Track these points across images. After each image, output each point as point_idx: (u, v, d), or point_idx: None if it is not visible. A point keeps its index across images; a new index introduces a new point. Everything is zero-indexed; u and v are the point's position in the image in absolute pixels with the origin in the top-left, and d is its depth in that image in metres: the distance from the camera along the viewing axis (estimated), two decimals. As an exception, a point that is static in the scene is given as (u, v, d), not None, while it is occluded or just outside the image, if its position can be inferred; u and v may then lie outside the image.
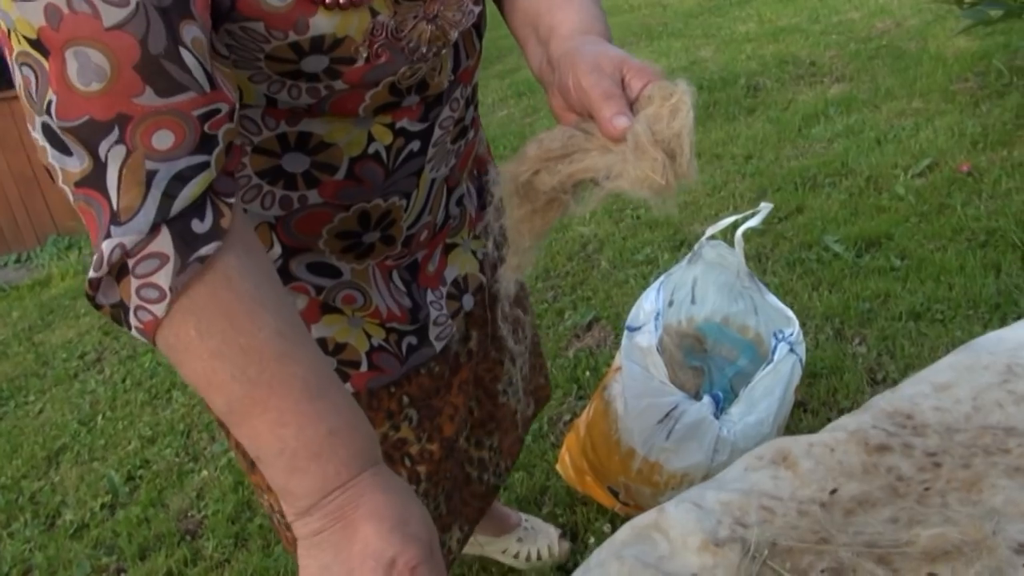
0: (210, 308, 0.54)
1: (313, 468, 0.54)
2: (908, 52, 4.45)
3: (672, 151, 0.53)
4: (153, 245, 0.53)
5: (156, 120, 0.52)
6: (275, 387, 0.54)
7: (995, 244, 2.22)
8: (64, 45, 0.51)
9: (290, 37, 0.61)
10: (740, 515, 0.66)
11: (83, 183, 0.53)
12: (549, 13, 0.67)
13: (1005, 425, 0.70)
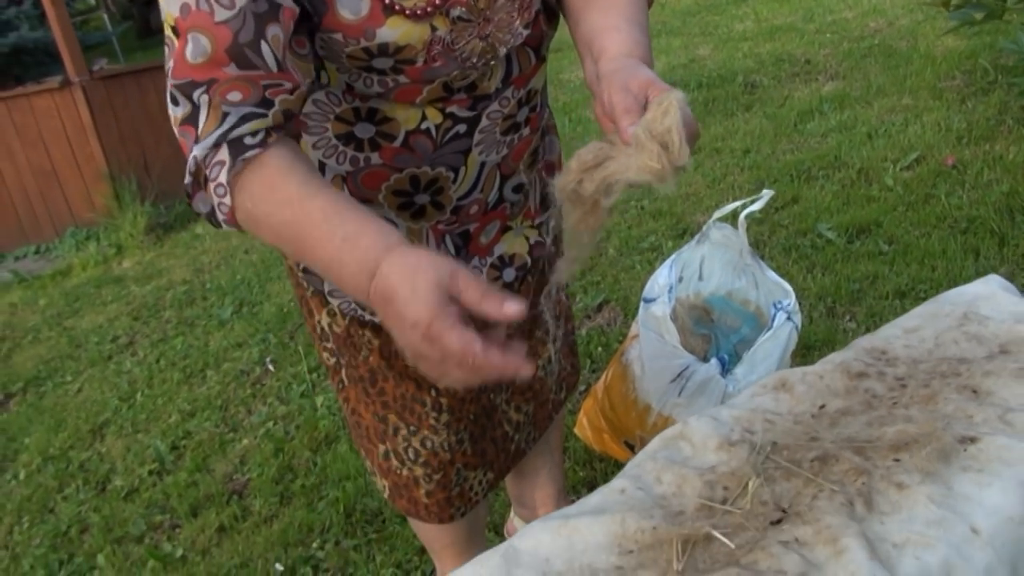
0: (255, 185, 0.74)
1: (349, 265, 0.71)
2: (899, 51, 4.62)
3: (666, 143, 0.68)
4: (216, 155, 0.74)
5: (233, 83, 0.74)
6: (306, 220, 0.72)
7: (975, 231, 2.40)
8: (188, 30, 0.74)
9: (361, 43, 0.81)
10: (748, 425, 0.84)
11: (184, 122, 0.76)
12: (602, 37, 0.84)
13: (959, 356, 0.88)
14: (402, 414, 1.18)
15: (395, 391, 1.17)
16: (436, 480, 1.23)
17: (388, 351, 1.14)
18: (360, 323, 1.13)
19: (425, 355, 0.66)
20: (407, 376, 1.15)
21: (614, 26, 0.84)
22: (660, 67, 5.47)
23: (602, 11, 0.86)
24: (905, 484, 0.72)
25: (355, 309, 1.11)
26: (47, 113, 5.09)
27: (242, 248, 4.20)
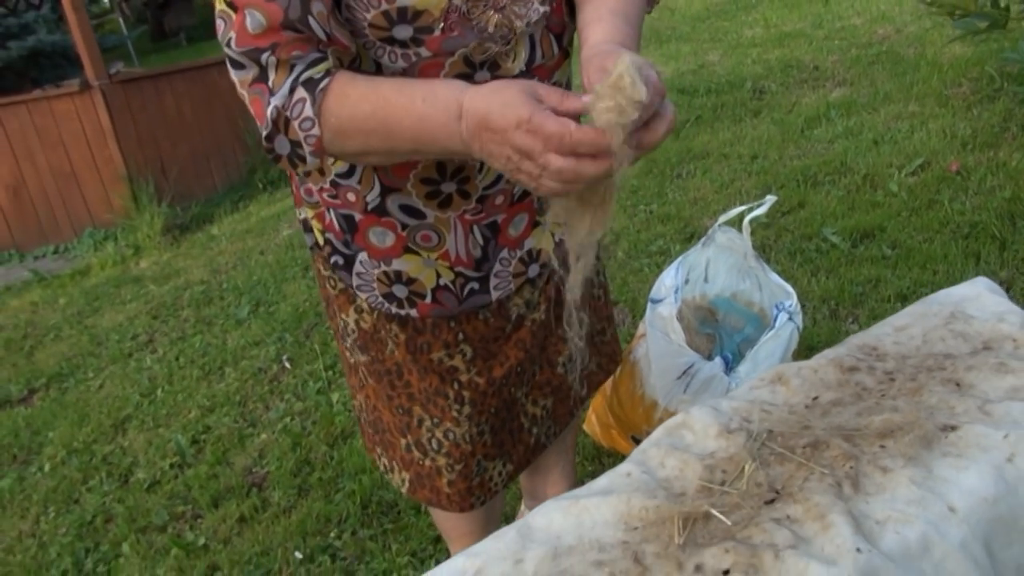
0: (332, 103, 0.85)
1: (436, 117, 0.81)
2: (906, 58, 4.67)
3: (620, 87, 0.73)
4: (295, 96, 0.85)
5: (293, 43, 0.85)
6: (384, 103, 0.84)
7: (977, 235, 2.45)
8: (244, 6, 0.84)
9: (382, 6, 0.88)
10: (746, 415, 0.91)
11: (254, 81, 0.86)
12: (587, 28, 0.91)
13: (944, 352, 0.94)
14: (426, 406, 1.24)
15: (420, 384, 1.23)
16: (458, 470, 1.29)
17: (413, 345, 1.21)
18: (387, 317, 1.19)
19: (530, 151, 0.75)
20: (431, 370, 1.22)
21: (598, 18, 0.91)
22: (670, 72, 5.53)
23: (592, 4, 0.94)
24: (889, 468, 0.78)
25: (382, 303, 1.18)
26: (67, 116, 5.19)
27: (257, 249, 4.28)
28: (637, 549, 0.77)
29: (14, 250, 5.52)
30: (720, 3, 8.67)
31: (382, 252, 1.12)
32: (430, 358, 1.21)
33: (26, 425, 2.91)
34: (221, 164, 5.94)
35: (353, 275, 1.17)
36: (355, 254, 1.15)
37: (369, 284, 1.16)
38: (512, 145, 0.75)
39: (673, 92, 4.99)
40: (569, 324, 1.08)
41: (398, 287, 1.15)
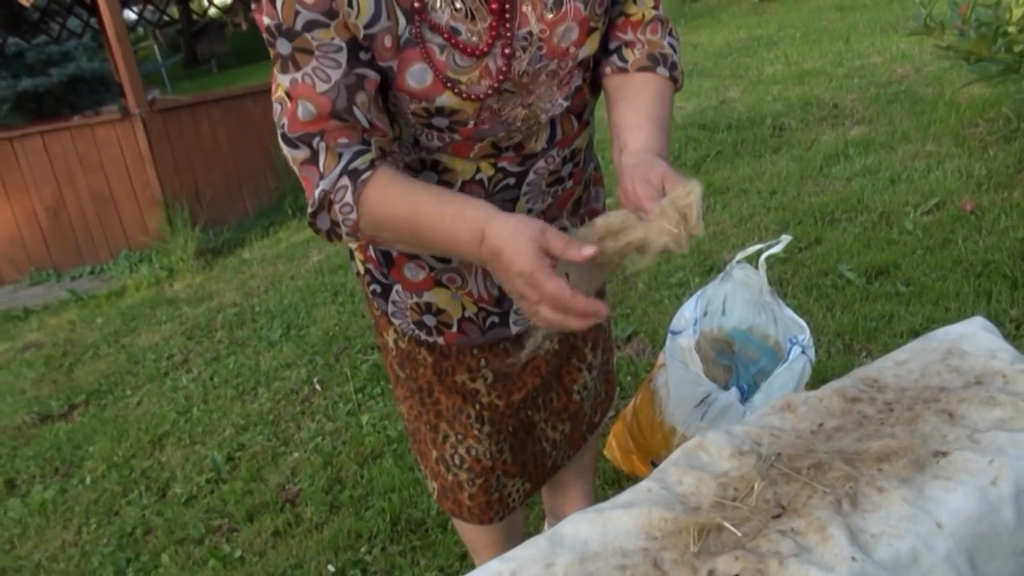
0: (373, 196, 0.95)
1: (461, 235, 0.91)
2: (925, 97, 4.76)
3: (686, 215, 0.85)
4: (340, 183, 0.95)
5: (340, 131, 0.95)
6: (418, 210, 0.94)
7: (989, 274, 2.53)
8: (297, 97, 0.94)
9: (423, 104, 0.99)
10: (757, 439, 1.00)
11: (305, 163, 0.96)
12: (627, 131, 1.02)
13: (940, 385, 1.03)
14: (452, 423, 1.35)
15: (446, 402, 1.34)
16: (478, 485, 1.39)
17: (439, 368, 1.32)
18: (416, 342, 1.30)
19: (527, 297, 0.86)
20: (455, 390, 1.33)
21: (637, 124, 1.01)
22: (691, 108, 5.66)
23: (630, 107, 1.04)
24: (885, 488, 0.87)
25: (412, 329, 1.29)
26: (108, 142, 5.40)
27: (288, 274, 4.42)
28: (656, 556, 0.86)
29: (52, 270, 5.71)
30: (742, 39, 8.82)
31: (415, 285, 1.23)
32: (454, 379, 1.31)
33: (67, 439, 3.03)
34: (253, 190, 6.12)
35: (389, 303, 1.28)
36: (391, 285, 1.26)
37: (403, 312, 1.27)
38: (513, 286, 0.88)
39: (695, 128, 5.11)
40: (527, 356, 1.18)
41: (428, 316, 1.26)
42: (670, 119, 1.06)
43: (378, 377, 2.87)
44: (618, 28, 1.10)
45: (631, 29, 1.10)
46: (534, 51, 1.01)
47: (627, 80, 1.07)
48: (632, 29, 1.10)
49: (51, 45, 9.71)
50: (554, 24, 1.00)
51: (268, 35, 0.93)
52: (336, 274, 4.17)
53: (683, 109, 5.70)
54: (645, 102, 1.04)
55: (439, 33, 0.95)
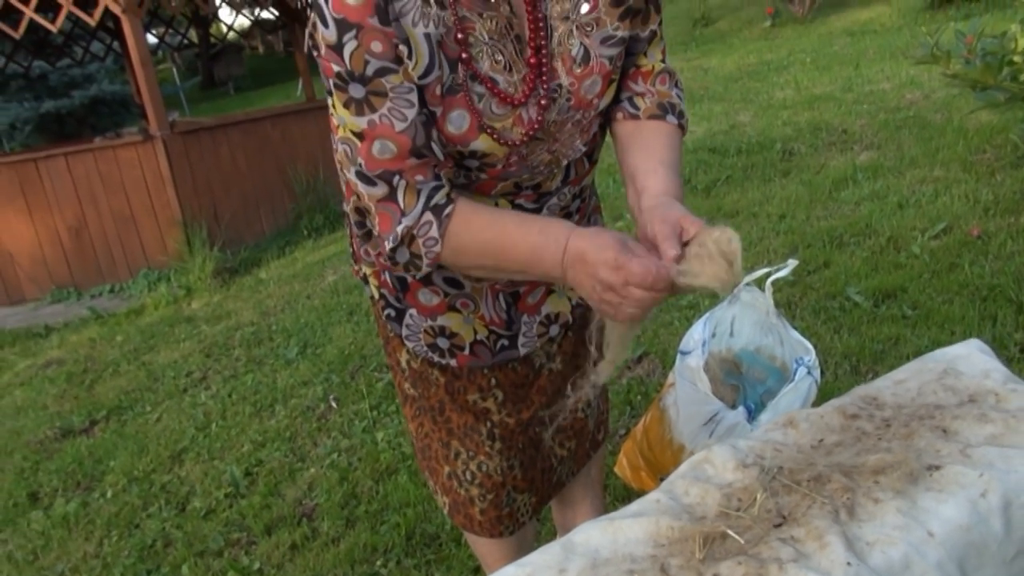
0: (456, 227, 1.02)
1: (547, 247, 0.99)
2: (933, 123, 4.82)
3: (730, 261, 0.92)
4: (424, 219, 1.02)
5: (416, 169, 1.01)
6: (503, 233, 1.01)
7: (994, 299, 2.57)
8: (372, 137, 0.99)
9: (458, 147, 1.06)
10: (760, 453, 1.05)
11: (384, 200, 1.02)
12: (643, 176, 1.08)
13: (935, 403, 1.08)
14: (463, 441, 1.41)
15: (458, 420, 1.40)
16: (489, 500, 1.44)
17: (451, 388, 1.38)
18: (429, 363, 1.36)
19: (613, 284, 0.93)
20: (467, 409, 1.38)
21: (652, 169, 1.08)
22: (702, 132, 5.73)
23: (645, 152, 1.11)
24: (880, 499, 0.91)
25: (426, 351, 1.35)
26: (130, 163, 5.53)
27: (304, 294, 4.50)
28: (664, 562, 0.91)
29: (73, 288, 5.82)
30: (752, 64, 8.92)
31: (429, 309, 1.30)
32: (466, 399, 1.37)
33: (89, 454, 3.10)
34: (270, 210, 6.23)
35: (403, 326, 1.34)
36: (405, 309, 1.32)
37: (416, 335, 1.33)
38: (598, 278, 0.94)
39: (705, 151, 5.18)
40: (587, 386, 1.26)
41: (441, 339, 1.32)
42: (681, 163, 1.13)
43: (393, 395, 2.93)
44: (629, 78, 1.18)
45: (641, 79, 1.17)
46: (563, 102, 1.08)
47: (639, 127, 1.15)
48: (643, 79, 1.17)
49: (74, 68, 9.92)
50: (582, 78, 1.08)
51: (338, 80, 0.97)
52: (351, 294, 4.25)
53: (694, 133, 5.78)
54: (658, 148, 1.11)
55: (481, 82, 1.02)
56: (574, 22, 1.06)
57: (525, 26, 1.04)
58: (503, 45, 1.03)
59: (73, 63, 9.50)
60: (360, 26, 0.94)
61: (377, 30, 0.94)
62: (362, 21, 0.94)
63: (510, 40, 1.04)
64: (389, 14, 0.95)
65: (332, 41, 0.95)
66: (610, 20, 1.08)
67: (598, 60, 1.08)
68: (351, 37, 0.94)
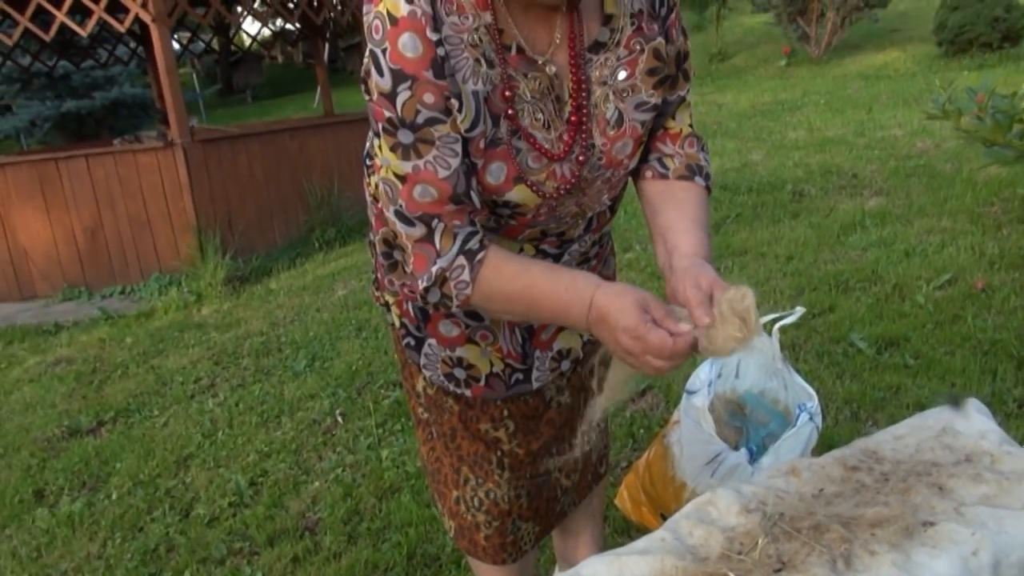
0: (488, 272, 1.07)
1: (573, 303, 1.05)
2: (943, 173, 4.88)
3: (744, 318, 0.97)
4: (457, 263, 1.07)
5: (454, 214, 1.07)
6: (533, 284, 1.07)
7: (996, 353, 2.61)
8: (415, 181, 1.05)
9: (493, 196, 1.11)
10: (763, 498, 1.09)
11: (421, 240, 1.08)
12: (675, 234, 1.13)
13: (932, 460, 1.12)
14: (473, 468, 1.45)
15: (469, 448, 1.44)
16: (495, 527, 1.49)
17: (464, 416, 1.42)
18: (444, 392, 1.41)
19: (632, 351, 1.00)
20: (478, 438, 1.43)
21: (685, 228, 1.14)
22: (713, 169, 5.79)
23: (676, 211, 1.17)
24: (876, 551, 0.96)
25: (442, 381, 1.40)
26: (149, 168, 5.61)
27: (314, 306, 4.56)
28: (667, 599, 0.95)
29: (84, 287, 5.88)
30: (767, 103, 9.02)
31: (448, 340, 1.35)
32: (478, 427, 1.42)
33: (95, 454, 3.14)
34: (283, 221, 6.30)
35: (422, 355, 1.38)
36: (424, 338, 1.37)
37: (434, 364, 1.38)
38: (618, 342, 1.01)
39: (716, 188, 5.25)
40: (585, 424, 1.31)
41: (458, 370, 1.37)
42: (709, 223, 1.19)
43: (399, 413, 2.97)
44: (658, 139, 1.24)
45: (670, 141, 1.24)
46: (595, 161, 1.15)
47: (669, 186, 1.21)
48: (671, 141, 1.24)
49: (97, 70, 10.06)
50: (614, 139, 1.14)
51: (388, 125, 1.02)
52: (361, 309, 4.30)
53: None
54: (690, 208, 1.17)
55: (523, 137, 1.08)
56: (611, 87, 1.13)
57: (566, 87, 1.11)
58: (544, 104, 1.09)
59: (97, 65, 9.64)
60: (415, 78, 0.99)
61: (431, 83, 1.00)
62: (418, 73, 0.99)
63: (551, 100, 1.10)
64: (445, 70, 1.00)
65: (386, 90, 1.01)
66: (645, 87, 1.14)
67: (631, 124, 1.14)
68: (405, 87, 1.00)
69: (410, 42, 0.99)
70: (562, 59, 1.10)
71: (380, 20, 1.00)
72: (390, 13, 0.99)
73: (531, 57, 1.08)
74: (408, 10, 0.99)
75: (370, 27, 1.02)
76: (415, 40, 0.99)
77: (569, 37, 1.10)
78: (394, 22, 0.99)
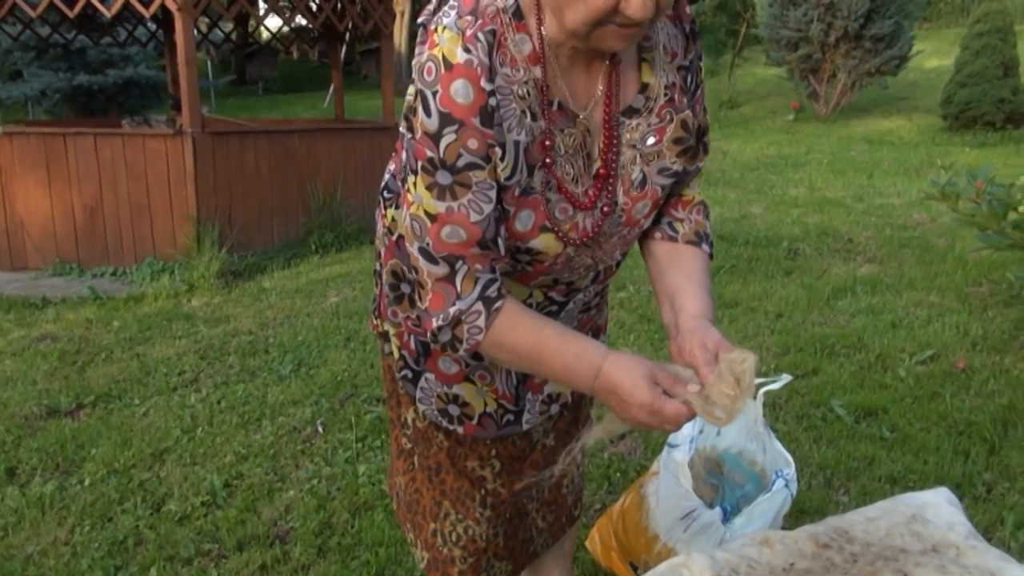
0: (502, 323, 1.11)
1: (580, 369, 1.09)
2: (936, 248, 4.97)
3: (739, 379, 1.02)
4: (474, 307, 1.10)
5: (477, 258, 1.10)
6: (543, 344, 1.10)
7: (970, 435, 2.66)
8: (446, 221, 1.08)
9: (517, 243, 1.16)
10: (735, 567, 1.13)
11: (442, 279, 1.10)
12: (682, 295, 1.18)
13: (901, 547, 1.16)
14: (455, 503, 1.48)
15: (454, 484, 1.47)
16: (470, 563, 1.51)
17: (453, 452, 1.45)
18: (435, 427, 1.44)
19: (647, 423, 1.06)
20: (464, 475, 1.46)
21: (691, 291, 1.19)
22: (713, 217, 5.88)
23: (683, 274, 1.22)
24: (839, 632, 1.00)
25: (435, 415, 1.42)
26: (156, 155, 5.63)
27: (305, 311, 4.57)
28: (634, 658, 0.98)
29: (76, 264, 5.87)
30: (771, 156, 9.14)
31: (446, 377, 1.37)
32: (465, 465, 1.45)
33: (72, 437, 3.14)
34: (283, 221, 6.32)
35: (417, 388, 1.41)
36: (422, 372, 1.39)
37: (429, 399, 1.40)
38: (631, 415, 1.06)
39: (714, 237, 5.31)
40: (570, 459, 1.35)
41: (452, 407, 1.39)
42: (712, 287, 1.26)
43: (379, 430, 2.99)
44: (671, 204, 1.30)
45: (681, 207, 1.30)
46: (616, 217, 1.20)
47: (677, 249, 1.27)
48: (682, 207, 1.30)
49: (114, 47, 10.09)
50: (636, 199, 1.20)
51: (428, 164, 1.05)
52: (351, 319, 4.32)
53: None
54: (696, 272, 1.23)
55: (556, 188, 1.13)
56: (639, 151, 1.19)
57: (597, 145, 1.16)
58: (575, 159, 1.15)
59: (115, 43, 9.67)
60: (462, 123, 1.03)
61: (477, 129, 1.04)
62: (465, 119, 1.03)
63: (582, 156, 1.15)
64: (493, 119, 1.04)
65: (431, 130, 1.04)
66: (670, 154, 1.20)
67: (652, 187, 1.20)
68: (451, 131, 1.03)
69: (463, 89, 1.02)
70: (598, 118, 1.16)
71: (434, 63, 1.04)
72: (446, 58, 1.03)
73: (571, 113, 1.13)
74: (465, 59, 1.02)
75: (422, 68, 1.05)
76: (468, 87, 1.02)
77: (606, 97, 1.15)
78: (449, 67, 1.03)
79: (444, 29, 1.04)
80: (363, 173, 6.71)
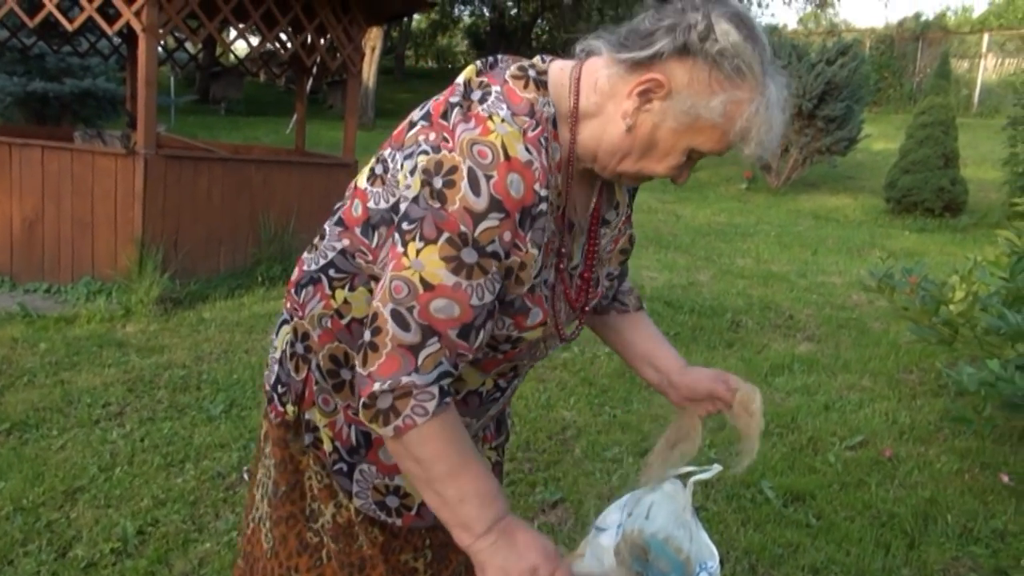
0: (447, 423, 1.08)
1: (492, 500, 1.10)
2: (871, 331, 5.12)
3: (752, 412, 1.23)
4: (430, 389, 1.06)
5: (451, 344, 1.07)
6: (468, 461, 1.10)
7: (891, 527, 2.71)
8: (447, 295, 1.04)
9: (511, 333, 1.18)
10: None
11: (405, 347, 1.05)
12: (659, 358, 1.45)
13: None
14: None
15: None
16: None
17: (388, 547, 1.36)
18: (371, 522, 1.35)
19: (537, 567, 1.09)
20: (396, 569, 1.38)
21: (664, 352, 1.47)
22: (661, 282, 5.97)
23: (649, 338, 1.48)
24: None
25: (373, 509, 1.33)
26: (106, 172, 5.50)
27: (243, 347, 4.47)
28: None
29: (8, 277, 5.66)
30: (722, 224, 9.37)
31: (388, 468, 1.31)
32: (399, 559, 1.39)
33: (-20, 468, 2.98)
34: (230, 250, 6.21)
35: (352, 482, 1.32)
36: (357, 464, 1.31)
37: (365, 491, 1.32)
38: (528, 564, 1.08)
39: (661, 303, 5.39)
40: None
41: (391, 498, 1.33)
42: None
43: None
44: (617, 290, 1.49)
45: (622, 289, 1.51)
46: None
47: (631, 318, 1.49)
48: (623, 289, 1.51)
49: (74, 56, 9.89)
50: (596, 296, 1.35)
51: (459, 239, 1.04)
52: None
53: (654, 280, 6.02)
54: (656, 333, 1.50)
55: (562, 290, 1.23)
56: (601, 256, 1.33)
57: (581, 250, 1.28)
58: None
59: (75, 53, 9.49)
60: (508, 214, 1.06)
61: (515, 225, 1.07)
62: (511, 212, 1.06)
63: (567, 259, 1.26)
64: (532, 223, 1.08)
65: (477, 209, 1.04)
66: (615, 262, 1.37)
67: (603, 286, 1.36)
68: (496, 217, 1.05)
69: (517, 183, 1.05)
70: (585, 225, 1.28)
71: (491, 150, 1.05)
72: (505, 149, 1.05)
73: (571, 220, 1.22)
74: (526, 158, 1.06)
75: (474, 147, 1.05)
76: (522, 184, 1.06)
77: (595, 208, 1.28)
78: (508, 158, 1.05)
79: (502, 121, 1.06)
80: (318, 207, 6.64)
